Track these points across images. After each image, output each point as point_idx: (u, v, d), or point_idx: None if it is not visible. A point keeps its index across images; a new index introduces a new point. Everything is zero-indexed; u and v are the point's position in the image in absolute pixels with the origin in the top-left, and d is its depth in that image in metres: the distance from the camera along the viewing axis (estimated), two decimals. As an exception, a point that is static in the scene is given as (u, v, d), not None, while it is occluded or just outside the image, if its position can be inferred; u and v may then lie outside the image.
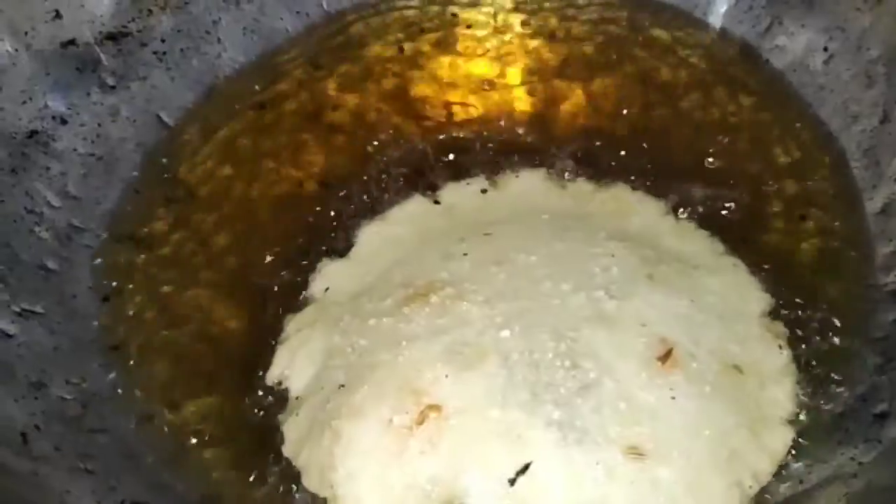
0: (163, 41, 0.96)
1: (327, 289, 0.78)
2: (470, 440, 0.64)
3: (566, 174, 0.88)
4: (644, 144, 0.90)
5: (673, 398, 0.66)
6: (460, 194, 0.85)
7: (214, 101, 0.98)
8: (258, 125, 0.96)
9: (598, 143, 0.91)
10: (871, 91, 0.85)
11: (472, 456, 0.64)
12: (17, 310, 0.76)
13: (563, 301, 0.70)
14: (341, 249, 0.83)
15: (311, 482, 0.67)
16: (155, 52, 0.96)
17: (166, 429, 0.75)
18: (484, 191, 0.86)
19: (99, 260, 0.85)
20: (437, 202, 0.85)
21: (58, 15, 0.88)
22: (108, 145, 0.91)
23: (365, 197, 0.87)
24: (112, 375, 0.78)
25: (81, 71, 0.90)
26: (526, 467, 0.63)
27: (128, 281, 0.84)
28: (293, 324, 0.76)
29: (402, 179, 0.89)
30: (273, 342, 0.78)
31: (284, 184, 0.91)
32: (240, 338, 0.80)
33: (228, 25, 1.00)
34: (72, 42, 0.89)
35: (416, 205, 0.85)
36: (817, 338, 0.76)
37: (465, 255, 0.75)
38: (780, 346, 0.73)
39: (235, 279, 0.84)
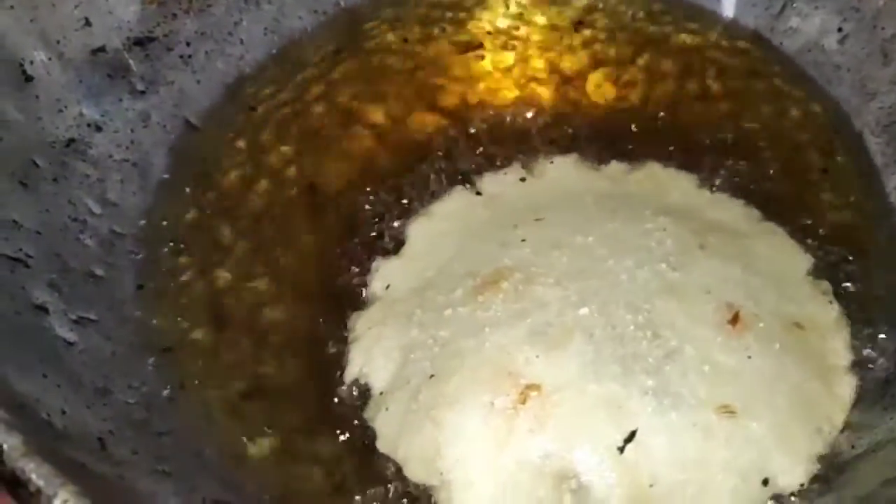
0: (188, 44, 0.97)
1: (388, 286, 0.79)
2: (574, 415, 0.67)
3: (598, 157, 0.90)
4: (664, 126, 0.94)
5: (749, 357, 0.71)
6: (500, 184, 0.87)
7: (240, 101, 0.99)
8: (283, 125, 0.97)
9: (619, 126, 0.93)
10: (888, 69, 0.88)
11: (579, 429, 0.67)
12: (74, 318, 0.77)
13: (630, 276, 0.74)
14: (391, 247, 0.84)
15: (414, 473, 0.69)
16: (181, 56, 0.96)
17: (227, 429, 0.76)
18: (522, 179, 0.88)
19: (141, 264, 0.86)
20: (478, 193, 0.87)
21: (87, 22, 0.88)
22: (141, 150, 0.92)
23: (401, 193, 0.88)
24: (167, 378, 0.79)
25: (112, 77, 0.91)
26: (632, 435, 0.67)
27: (171, 284, 0.85)
28: (361, 323, 0.78)
29: (434, 173, 0.90)
30: (318, 340, 0.79)
31: (318, 182, 0.92)
32: (291, 336, 0.81)
33: (250, 26, 1.01)
34: (102, 49, 0.90)
35: (459, 197, 0.87)
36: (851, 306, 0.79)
37: (522, 241, 0.78)
38: (831, 301, 0.78)
39: (279, 279, 0.85)
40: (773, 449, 0.68)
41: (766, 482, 0.68)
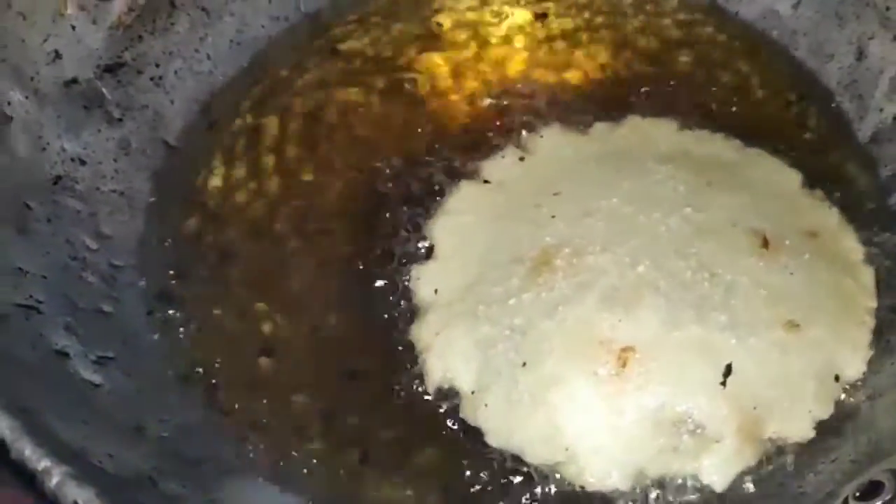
0: (157, 66, 0.96)
1: (436, 290, 0.81)
2: (673, 363, 0.72)
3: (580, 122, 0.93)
4: (631, 87, 0.97)
5: (791, 273, 0.76)
6: (502, 168, 0.89)
7: (214, 117, 0.98)
8: (259, 139, 0.96)
9: (590, 93, 0.97)
10: (843, 30, 0.93)
11: (681, 375, 0.72)
12: (94, 358, 0.76)
13: (666, 227, 0.78)
14: (423, 252, 0.85)
15: (536, 456, 0.72)
16: (151, 78, 0.95)
17: (260, 448, 0.77)
18: (521, 159, 0.89)
19: (145, 295, 0.86)
20: (486, 181, 0.88)
21: (58, 55, 0.87)
22: (126, 179, 0.91)
23: (406, 197, 0.89)
24: (192, 407, 0.80)
25: (88, 108, 0.89)
26: (729, 368, 0.72)
27: (178, 311, 0.85)
28: (425, 332, 0.79)
29: (432, 171, 0.90)
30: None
31: (310, 196, 0.91)
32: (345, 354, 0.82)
33: (215, 40, 1.01)
34: (74, 80, 0.88)
35: (469, 189, 0.87)
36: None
37: (552, 217, 0.80)
38: (830, 207, 0.84)
39: (288, 296, 0.86)
40: (836, 347, 0.75)
41: (837, 378, 0.74)
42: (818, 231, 0.82)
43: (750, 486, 0.72)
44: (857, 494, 0.62)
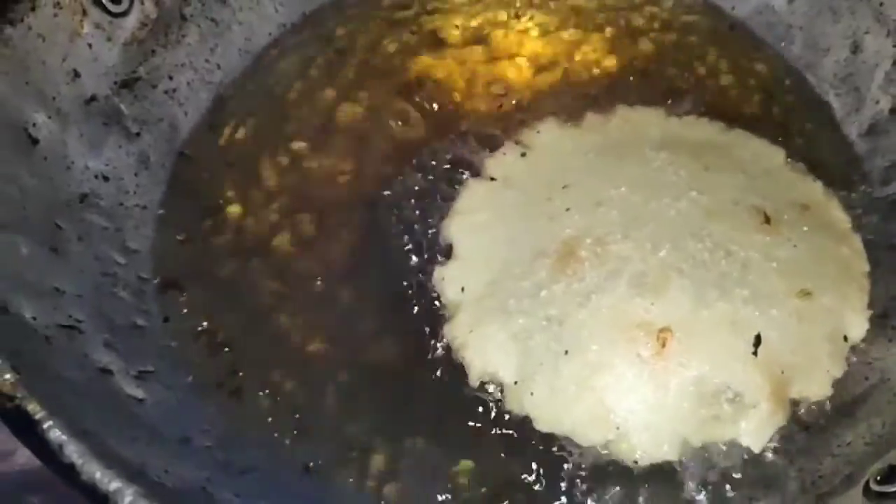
0: (170, 78, 0.97)
1: (463, 289, 0.83)
2: (708, 339, 0.76)
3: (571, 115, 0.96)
4: (619, 79, 1.01)
5: (795, 246, 0.81)
6: (505, 165, 0.91)
7: (227, 127, 1.00)
8: (273, 146, 0.98)
9: (575, 87, 1.00)
10: (838, 25, 0.97)
11: (717, 349, 0.76)
12: (135, 374, 0.78)
13: (676, 211, 0.82)
14: (441, 253, 0.87)
15: (587, 437, 0.76)
16: (166, 91, 0.96)
17: (301, 455, 0.80)
18: (523, 154, 0.92)
19: (172, 307, 0.88)
20: (493, 179, 0.90)
21: (76, 74, 0.87)
22: (148, 193, 0.92)
23: (415, 198, 0.91)
24: (227, 415, 0.82)
25: (108, 125, 0.90)
26: (758, 339, 0.76)
27: (207, 322, 0.87)
28: (459, 330, 0.81)
29: (439, 172, 0.93)
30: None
31: (319, 200, 0.93)
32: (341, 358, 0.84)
33: (224, 50, 1.02)
34: (93, 98, 0.89)
35: (477, 188, 0.90)
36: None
37: (567, 209, 0.83)
38: (814, 179, 0.89)
39: (313, 302, 0.88)
40: (843, 311, 0.80)
41: (845, 338, 0.80)
42: (808, 203, 0.86)
43: (772, 463, 0.76)
44: (878, 479, 0.66)
